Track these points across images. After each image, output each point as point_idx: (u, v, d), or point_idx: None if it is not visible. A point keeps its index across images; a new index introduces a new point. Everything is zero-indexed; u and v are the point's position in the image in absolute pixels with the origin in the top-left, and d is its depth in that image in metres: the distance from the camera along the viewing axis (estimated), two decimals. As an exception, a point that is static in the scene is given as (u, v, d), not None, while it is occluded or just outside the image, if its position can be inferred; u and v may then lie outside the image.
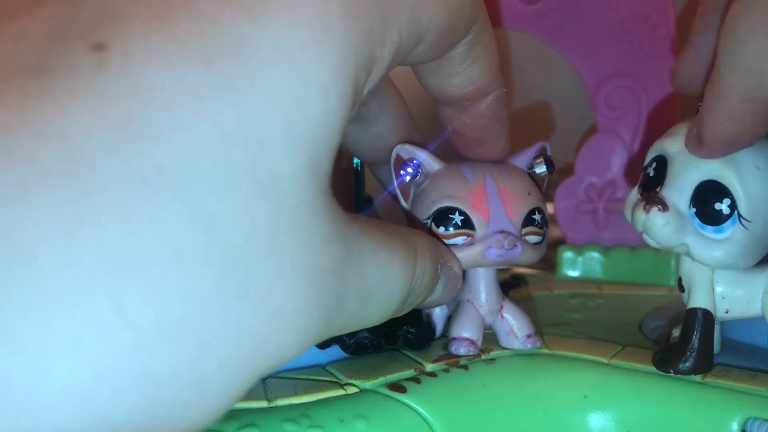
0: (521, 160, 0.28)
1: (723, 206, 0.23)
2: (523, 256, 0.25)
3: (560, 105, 0.50)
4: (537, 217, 0.26)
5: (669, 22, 0.38)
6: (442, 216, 0.25)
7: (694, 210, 0.24)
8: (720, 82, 0.21)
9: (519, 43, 0.50)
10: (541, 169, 0.28)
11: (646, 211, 0.24)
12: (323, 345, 0.25)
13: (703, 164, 0.24)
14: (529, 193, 0.26)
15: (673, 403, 0.24)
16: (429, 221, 0.26)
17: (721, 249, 0.24)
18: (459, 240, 0.25)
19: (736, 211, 0.23)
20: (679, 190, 0.24)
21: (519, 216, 0.26)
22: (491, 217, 0.25)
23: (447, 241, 0.25)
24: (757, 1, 0.20)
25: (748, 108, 0.21)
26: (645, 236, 0.25)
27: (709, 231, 0.24)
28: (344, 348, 0.25)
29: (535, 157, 0.28)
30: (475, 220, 0.25)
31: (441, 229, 0.25)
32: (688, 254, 0.24)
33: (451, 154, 0.27)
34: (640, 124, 0.39)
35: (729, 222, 0.23)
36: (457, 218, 0.25)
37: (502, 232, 0.25)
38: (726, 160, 0.23)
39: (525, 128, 0.53)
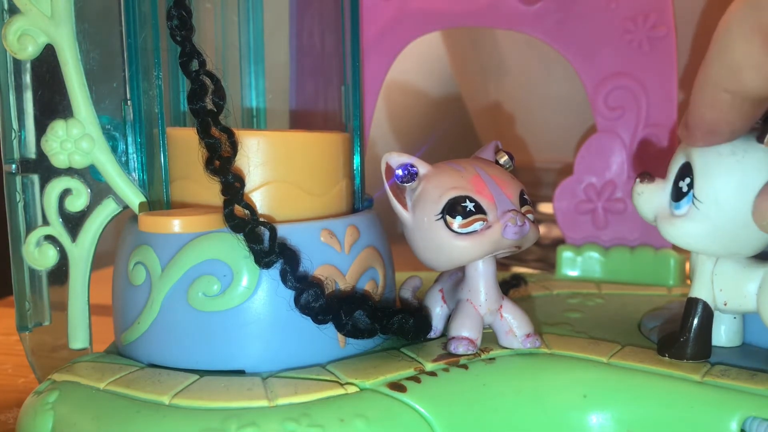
0: (484, 156, 0.29)
1: (683, 184, 0.25)
2: (530, 233, 0.27)
3: (560, 105, 0.50)
4: (526, 197, 0.28)
5: (669, 22, 0.38)
6: (455, 206, 0.26)
7: (672, 188, 0.26)
8: (706, 72, 0.23)
9: (519, 43, 0.50)
10: (504, 159, 0.29)
11: (634, 181, 0.27)
12: (321, 321, 0.25)
13: (686, 143, 0.26)
14: (512, 177, 0.28)
15: (672, 403, 0.24)
16: (441, 216, 0.26)
17: (676, 225, 0.26)
18: (477, 226, 0.26)
19: (692, 190, 0.25)
20: (671, 170, 0.26)
21: (515, 197, 0.27)
22: (496, 200, 0.26)
23: (465, 230, 0.26)
24: (753, 5, 0.21)
25: (726, 98, 0.23)
26: None
27: (673, 207, 0.26)
28: (339, 328, 0.25)
29: (496, 152, 0.29)
30: (484, 204, 0.26)
31: (457, 219, 0.26)
32: (658, 227, 0.26)
33: (436, 159, 0.28)
34: (639, 124, 0.39)
35: (685, 199, 0.25)
36: (470, 205, 0.26)
37: (510, 210, 0.26)
38: None
39: (524, 128, 0.53)
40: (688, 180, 0.25)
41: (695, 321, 0.26)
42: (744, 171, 0.24)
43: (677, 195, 0.26)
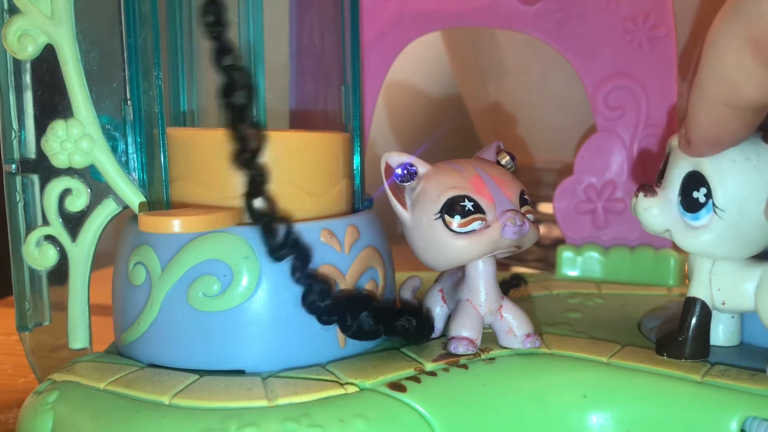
0: (486, 156, 0.29)
1: (699, 195, 0.25)
2: (530, 234, 0.27)
3: (560, 105, 0.50)
4: (527, 197, 0.28)
5: (669, 22, 0.38)
6: (453, 206, 0.26)
7: (680, 198, 0.26)
8: (702, 88, 0.23)
9: (519, 43, 0.50)
10: (505, 159, 0.29)
11: (635, 196, 0.26)
12: (326, 322, 0.25)
13: (690, 156, 0.25)
14: (512, 178, 0.28)
15: (672, 403, 0.24)
16: (439, 215, 0.26)
17: (698, 236, 0.25)
18: (476, 225, 0.26)
19: (710, 200, 0.25)
20: (672, 180, 0.26)
21: (515, 197, 0.27)
22: (495, 199, 0.26)
23: (464, 229, 0.26)
24: (738, 18, 0.21)
25: (728, 112, 0.23)
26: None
27: (688, 218, 0.25)
28: (344, 329, 0.25)
29: (498, 153, 0.29)
30: (483, 204, 0.26)
31: (456, 218, 0.26)
32: (673, 240, 0.26)
33: (436, 159, 0.28)
34: (639, 124, 0.39)
35: (704, 210, 0.25)
36: (468, 204, 0.26)
37: (509, 210, 0.26)
38: None
39: (524, 128, 0.53)
40: (704, 190, 0.25)
41: (693, 320, 0.26)
42: (761, 174, 0.24)
43: (693, 206, 0.25)
